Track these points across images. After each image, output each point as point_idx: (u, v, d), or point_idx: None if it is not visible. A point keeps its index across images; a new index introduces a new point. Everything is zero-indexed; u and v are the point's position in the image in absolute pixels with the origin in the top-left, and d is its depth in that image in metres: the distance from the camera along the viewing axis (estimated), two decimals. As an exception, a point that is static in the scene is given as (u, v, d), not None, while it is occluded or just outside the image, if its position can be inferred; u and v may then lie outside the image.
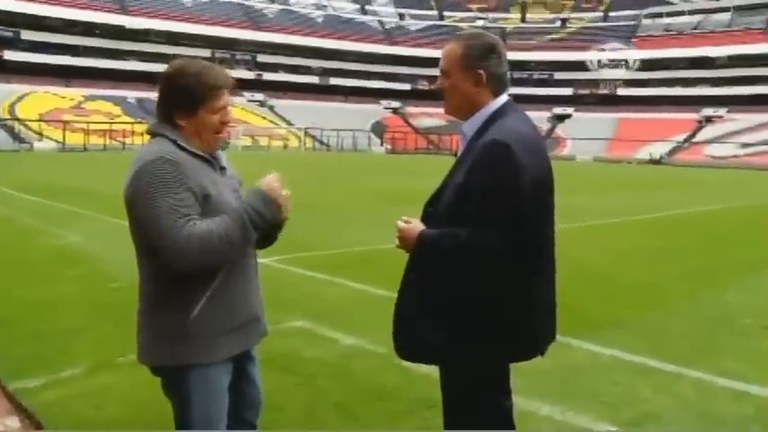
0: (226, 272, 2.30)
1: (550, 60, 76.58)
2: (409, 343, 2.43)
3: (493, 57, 2.38)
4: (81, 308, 6.03)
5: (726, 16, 72.23)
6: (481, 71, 2.36)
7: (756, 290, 7.63)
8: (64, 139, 46.24)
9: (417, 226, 2.37)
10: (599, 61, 75.75)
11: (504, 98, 2.42)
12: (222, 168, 2.40)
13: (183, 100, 2.26)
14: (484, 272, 2.26)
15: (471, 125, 2.40)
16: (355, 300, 6.68)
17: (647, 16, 77.66)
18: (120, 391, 4.10)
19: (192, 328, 2.26)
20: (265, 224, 2.29)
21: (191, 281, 2.23)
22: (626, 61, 74.44)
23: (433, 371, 2.84)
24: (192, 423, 2.33)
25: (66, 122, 48.06)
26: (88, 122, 49.48)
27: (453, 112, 2.47)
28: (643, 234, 11.99)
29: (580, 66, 76.10)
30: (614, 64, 75.36)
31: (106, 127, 50.33)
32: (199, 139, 2.30)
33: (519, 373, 4.67)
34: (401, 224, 2.40)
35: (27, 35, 59.42)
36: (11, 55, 57.67)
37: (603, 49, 76.00)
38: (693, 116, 66.24)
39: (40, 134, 48.43)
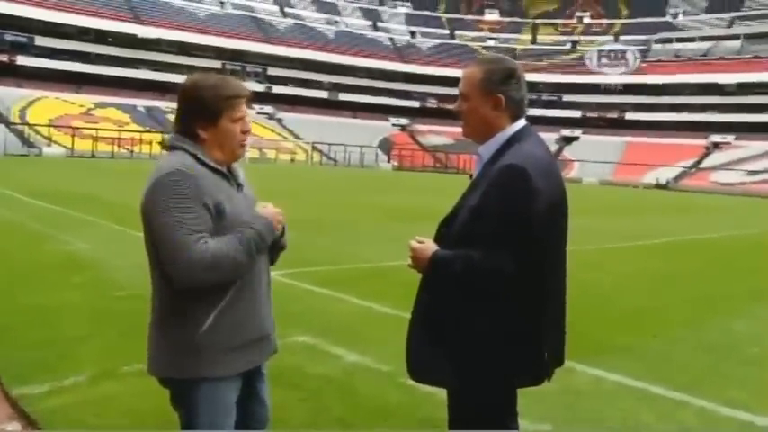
0: (237, 287, 2.32)
1: (560, 82, 76.69)
2: (418, 366, 2.45)
3: (512, 82, 2.41)
4: (86, 315, 6.03)
5: (736, 44, 72.29)
6: (500, 95, 2.38)
7: (762, 319, 7.60)
8: (73, 145, 46.37)
9: (431, 246, 2.38)
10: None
11: (521, 123, 2.44)
12: (239, 185, 2.43)
13: (204, 112, 2.29)
14: (494, 295, 2.27)
15: (488, 148, 2.42)
16: (360, 316, 6.67)
17: (657, 41, 77.75)
18: (124, 401, 4.09)
19: (202, 343, 2.27)
20: (265, 250, 2.39)
21: (202, 295, 2.25)
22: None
23: (437, 390, 2.84)
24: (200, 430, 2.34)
25: (75, 129, 48.24)
26: (97, 129, 49.66)
27: (471, 134, 2.48)
28: (649, 259, 11.97)
29: (589, 88, 76.18)
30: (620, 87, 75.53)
31: (115, 135, 50.51)
32: (221, 150, 2.34)
33: (522, 395, 4.64)
34: (414, 244, 2.40)
35: (40, 41, 59.75)
36: (24, 60, 57.98)
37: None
38: (701, 142, 66.18)
39: (50, 139, 48.57)
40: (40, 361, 4.71)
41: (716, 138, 66.00)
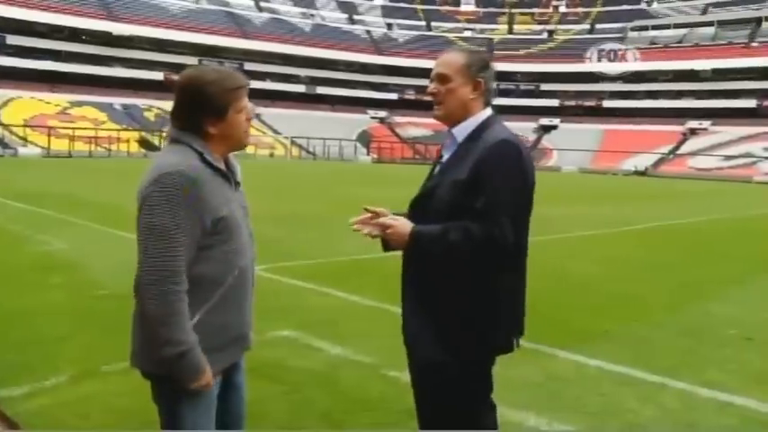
0: (225, 290, 2.30)
1: (537, 71, 76.93)
2: (419, 346, 2.55)
3: (488, 71, 2.58)
4: (66, 316, 5.98)
5: (710, 30, 72.85)
6: (480, 80, 2.54)
7: (739, 301, 7.70)
8: (49, 144, 45.77)
9: (407, 222, 2.46)
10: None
11: (490, 110, 2.59)
12: (237, 183, 2.42)
13: (212, 107, 2.27)
14: (489, 262, 2.39)
15: (463, 129, 2.55)
16: (342, 309, 6.67)
17: (633, 29, 78.14)
18: (105, 400, 4.07)
19: None
20: (177, 372, 2.22)
21: (189, 293, 2.21)
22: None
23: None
24: (181, 428, 2.31)
25: (51, 128, 47.65)
26: (74, 128, 49.10)
27: (445, 116, 2.58)
28: (629, 245, 12.06)
29: (567, 77, 76.45)
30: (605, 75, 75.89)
31: (92, 133, 49.94)
32: (229, 142, 2.35)
33: (505, 383, 4.67)
34: (389, 221, 2.47)
35: (12, 40, 58.87)
36: (-4, 60, 57.29)
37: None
38: (678, 128, 66.69)
39: (25, 140, 47.98)
40: (20, 363, 4.68)
41: (693, 123, 66.54)
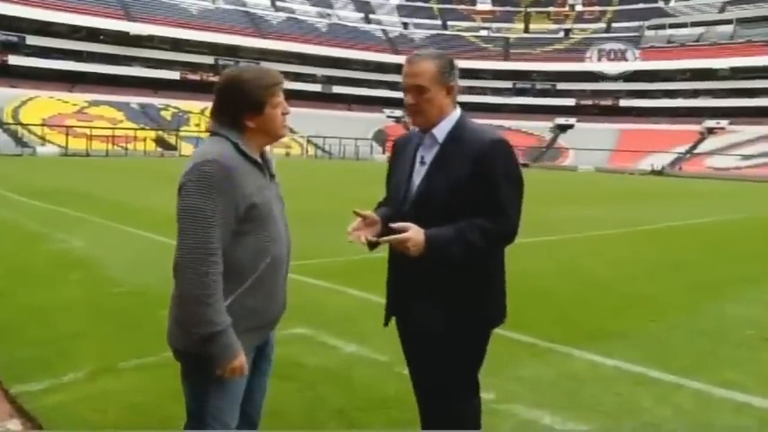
0: (258, 276, 2.43)
1: (553, 71, 76.64)
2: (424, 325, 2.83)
3: (455, 72, 2.68)
4: (83, 312, 6.03)
5: (728, 28, 72.26)
6: (452, 84, 2.66)
7: (756, 301, 7.63)
8: (67, 143, 46.10)
9: (417, 229, 2.50)
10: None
11: (459, 108, 2.72)
12: (272, 175, 2.56)
13: (250, 103, 2.42)
14: (498, 251, 2.70)
15: (443, 129, 2.66)
16: (357, 308, 6.69)
17: (649, 27, 77.68)
18: (122, 396, 4.11)
19: None
20: (210, 347, 2.30)
21: (223, 277, 2.32)
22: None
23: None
24: (205, 411, 2.41)
25: (69, 127, 48.00)
26: (91, 128, 49.41)
27: (426, 122, 2.68)
28: (645, 245, 12.00)
29: (583, 76, 76.10)
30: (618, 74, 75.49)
31: (109, 132, 50.30)
32: (268, 135, 2.50)
33: (520, 381, 4.67)
34: (404, 235, 2.49)
35: (32, 40, 59.51)
36: (15, 60, 57.78)
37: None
38: (695, 128, 66.24)
39: (43, 139, 48.38)
40: (38, 359, 4.72)
41: (710, 123, 66.06)
